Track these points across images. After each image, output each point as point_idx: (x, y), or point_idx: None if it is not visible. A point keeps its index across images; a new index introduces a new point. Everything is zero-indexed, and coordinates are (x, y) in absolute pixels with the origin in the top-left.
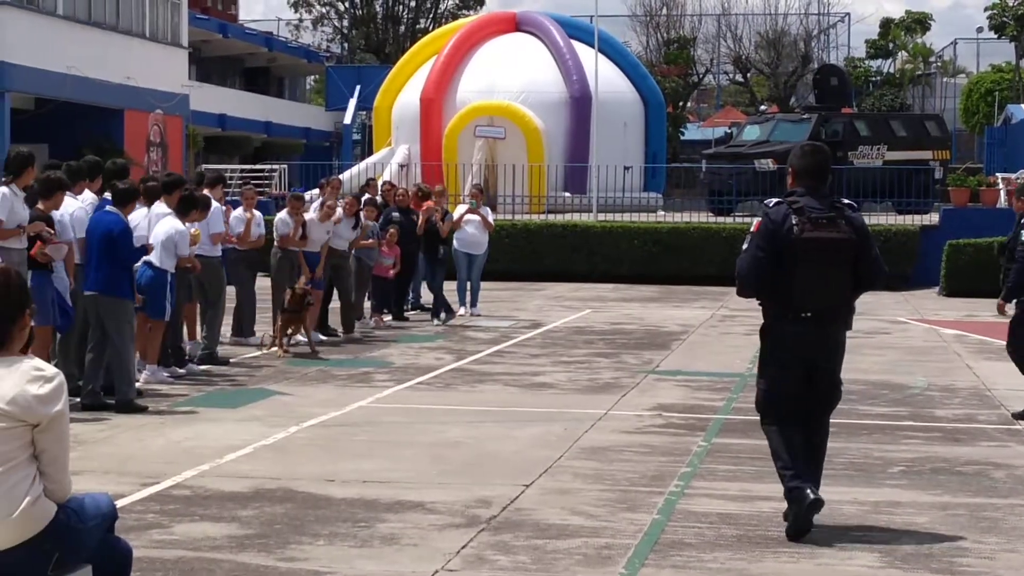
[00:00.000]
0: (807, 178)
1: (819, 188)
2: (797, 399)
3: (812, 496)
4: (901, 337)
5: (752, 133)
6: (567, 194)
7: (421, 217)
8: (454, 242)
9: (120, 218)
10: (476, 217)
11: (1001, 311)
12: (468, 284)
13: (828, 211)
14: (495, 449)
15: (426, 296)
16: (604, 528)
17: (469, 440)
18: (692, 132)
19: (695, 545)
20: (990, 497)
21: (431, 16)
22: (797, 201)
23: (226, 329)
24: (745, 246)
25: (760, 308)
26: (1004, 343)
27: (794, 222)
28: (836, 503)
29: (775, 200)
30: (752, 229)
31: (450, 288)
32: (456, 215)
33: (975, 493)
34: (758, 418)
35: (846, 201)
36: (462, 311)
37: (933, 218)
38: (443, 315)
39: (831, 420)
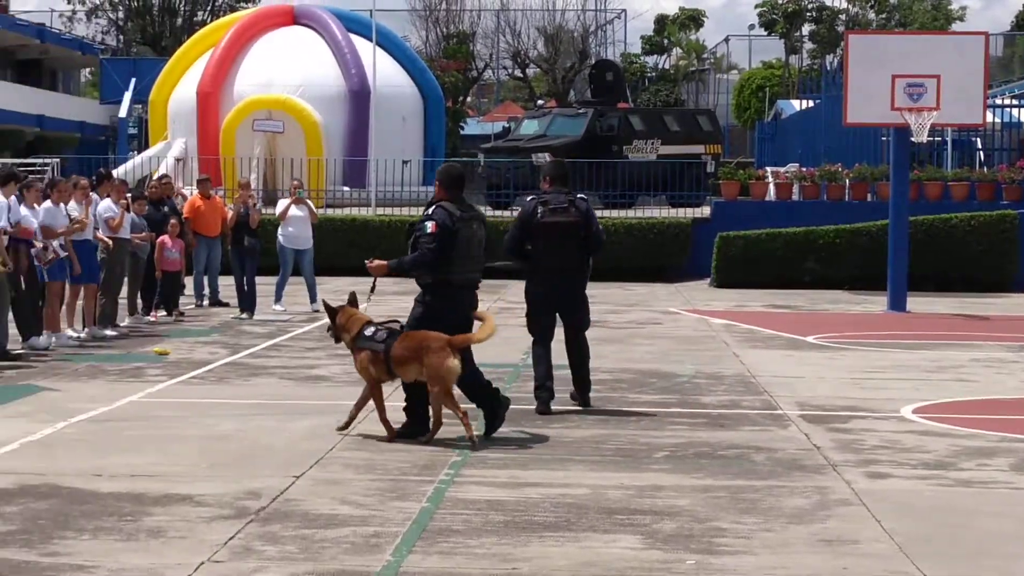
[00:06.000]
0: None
1: (563, 186)
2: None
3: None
4: (672, 327)
5: (530, 127)
6: (346, 188)
7: (233, 208)
8: (279, 238)
9: None
10: (301, 212)
11: None
12: (288, 281)
13: (563, 203)
14: (267, 442)
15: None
16: (373, 517)
17: (241, 433)
18: (472, 127)
19: (462, 532)
20: (750, 479)
21: (209, 8)
22: (544, 196)
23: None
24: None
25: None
26: (770, 331)
27: (540, 211)
28: (602, 488)
29: (531, 196)
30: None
31: (227, 284)
32: (279, 209)
33: (735, 476)
34: (531, 407)
35: (580, 196)
36: (278, 307)
37: (705, 211)
38: (245, 314)
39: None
